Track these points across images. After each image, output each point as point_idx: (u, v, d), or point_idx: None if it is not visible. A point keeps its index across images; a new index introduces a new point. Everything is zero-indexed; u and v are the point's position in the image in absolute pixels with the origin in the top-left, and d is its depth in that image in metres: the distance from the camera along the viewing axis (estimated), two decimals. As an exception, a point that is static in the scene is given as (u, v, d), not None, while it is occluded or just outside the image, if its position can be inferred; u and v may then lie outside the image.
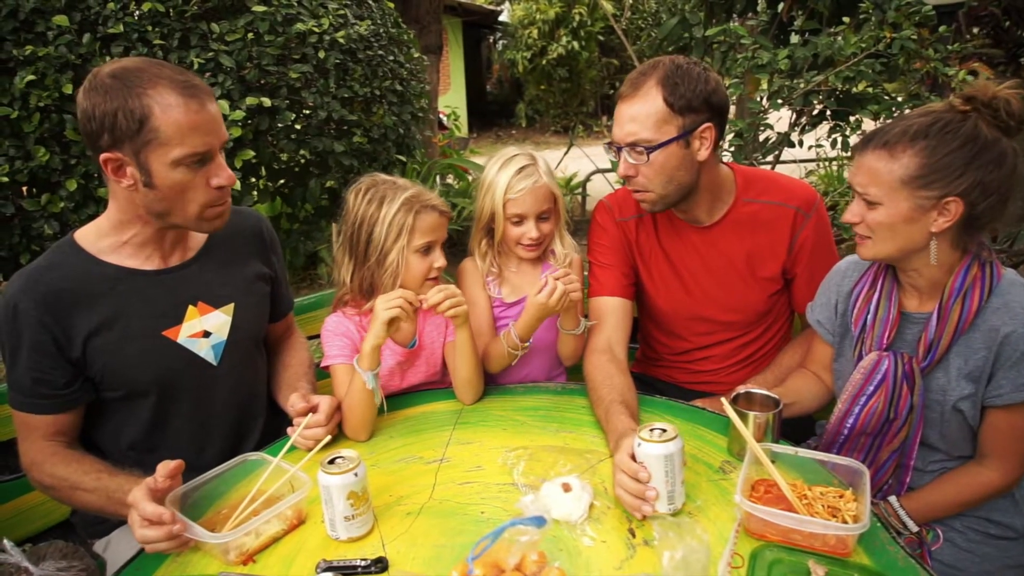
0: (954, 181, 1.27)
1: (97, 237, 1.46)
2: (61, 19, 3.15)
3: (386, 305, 1.52)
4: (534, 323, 1.68)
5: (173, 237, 1.50)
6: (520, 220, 1.78)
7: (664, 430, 1.22)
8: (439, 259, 1.67)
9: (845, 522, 1.16)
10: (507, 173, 1.75)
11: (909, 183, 1.29)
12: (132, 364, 1.45)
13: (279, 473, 1.30)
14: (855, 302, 1.51)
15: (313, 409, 1.49)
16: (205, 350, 1.53)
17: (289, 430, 1.49)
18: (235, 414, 1.63)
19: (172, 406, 1.53)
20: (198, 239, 1.57)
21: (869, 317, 1.47)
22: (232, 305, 1.57)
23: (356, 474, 1.19)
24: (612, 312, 1.81)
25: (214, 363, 1.55)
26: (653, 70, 1.60)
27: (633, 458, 1.24)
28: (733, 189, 1.78)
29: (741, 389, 1.47)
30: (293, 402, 1.50)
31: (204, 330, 1.53)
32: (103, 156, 1.32)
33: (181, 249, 1.54)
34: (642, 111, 1.59)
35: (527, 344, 1.73)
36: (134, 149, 1.30)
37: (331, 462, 1.21)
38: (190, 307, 1.51)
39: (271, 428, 1.68)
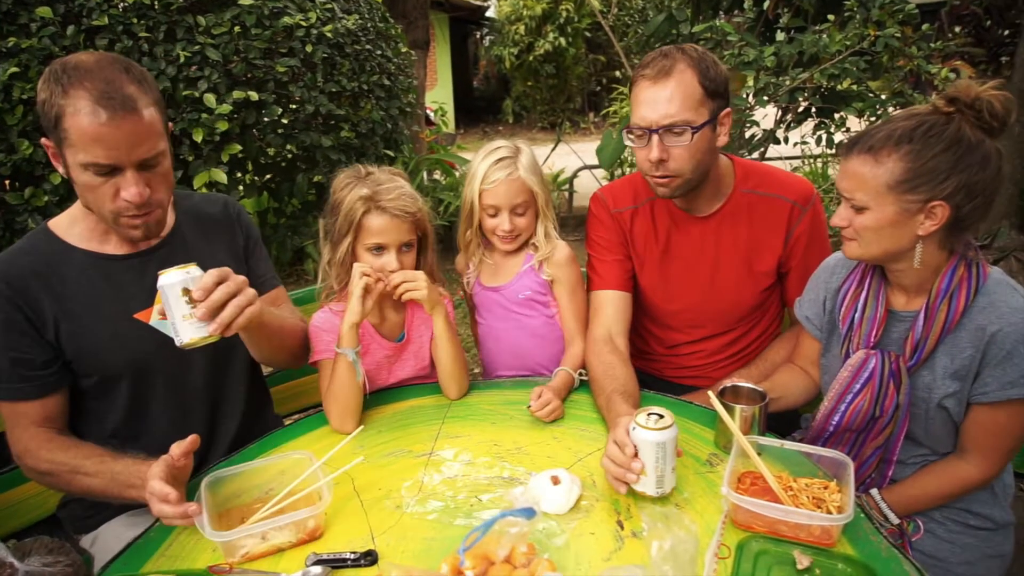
0: (940, 185, 1.28)
1: (70, 224, 1.47)
2: (45, 11, 3.12)
3: (355, 280, 1.56)
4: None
5: None
6: (495, 212, 1.79)
7: (661, 416, 1.24)
8: (391, 262, 1.63)
9: (830, 513, 1.18)
10: (486, 163, 1.77)
11: (895, 188, 1.30)
12: (104, 347, 1.45)
13: (313, 480, 1.27)
14: (843, 299, 1.52)
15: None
16: None
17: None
18: (213, 394, 1.62)
19: (148, 389, 1.52)
20: (167, 223, 1.56)
21: (857, 315, 1.49)
22: None
23: (189, 272, 1.22)
24: (611, 303, 1.82)
25: None
26: (678, 54, 1.59)
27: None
28: (732, 180, 1.79)
29: (728, 383, 1.48)
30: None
31: None
32: (43, 140, 1.36)
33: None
34: (680, 92, 1.57)
35: None
36: (56, 141, 1.32)
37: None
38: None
39: (252, 409, 1.69)
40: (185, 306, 1.21)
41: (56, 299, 1.42)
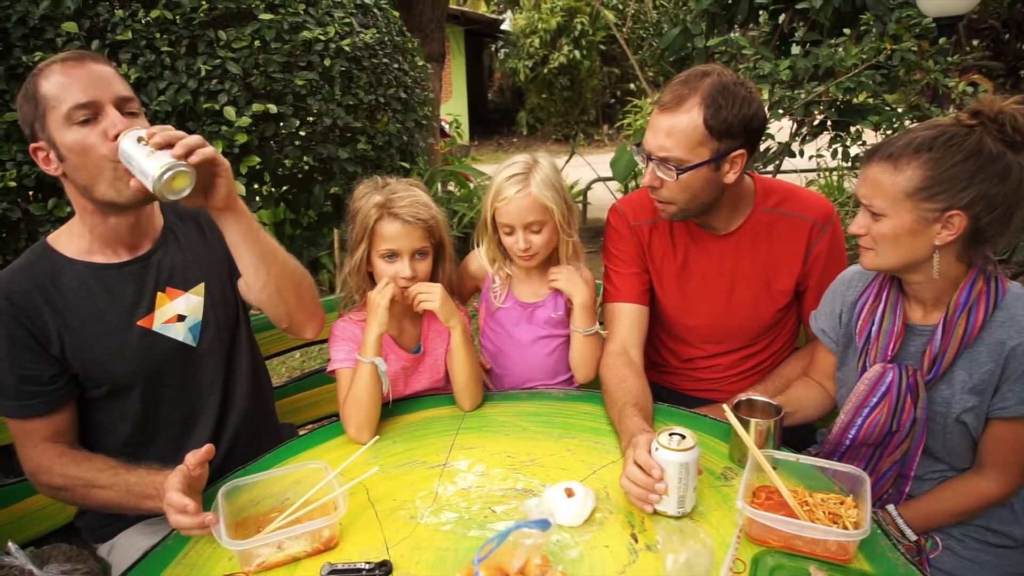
0: (958, 194, 1.28)
1: (68, 239, 1.48)
2: (70, 26, 3.18)
3: (380, 293, 1.60)
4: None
5: (128, 226, 1.49)
6: (510, 230, 1.74)
7: (683, 436, 1.25)
8: (404, 269, 1.64)
9: (846, 528, 1.17)
10: (500, 177, 1.73)
11: (913, 195, 1.30)
12: (112, 357, 1.46)
13: (328, 490, 1.27)
14: (860, 313, 1.51)
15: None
16: (183, 333, 1.53)
17: None
18: (222, 392, 1.62)
19: (158, 394, 1.53)
20: (157, 226, 1.57)
21: (874, 328, 1.48)
22: (202, 285, 1.57)
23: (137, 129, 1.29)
24: (627, 315, 1.82)
25: (193, 344, 1.55)
26: (699, 82, 1.56)
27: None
28: (752, 199, 1.78)
29: (743, 396, 1.48)
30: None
31: (178, 314, 1.53)
32: (31, 147, 1.38)
33: (141, 238, 1.53)
34: (679, 129, 1.56)
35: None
36: (41, 127, 1.34)
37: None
38: (159, 294, 1.52)
39: (252, 408, 1.68)
40: (144, 148, 1.25)
41: (58, 313, 1.42)
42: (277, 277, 1.51)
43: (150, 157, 1.24)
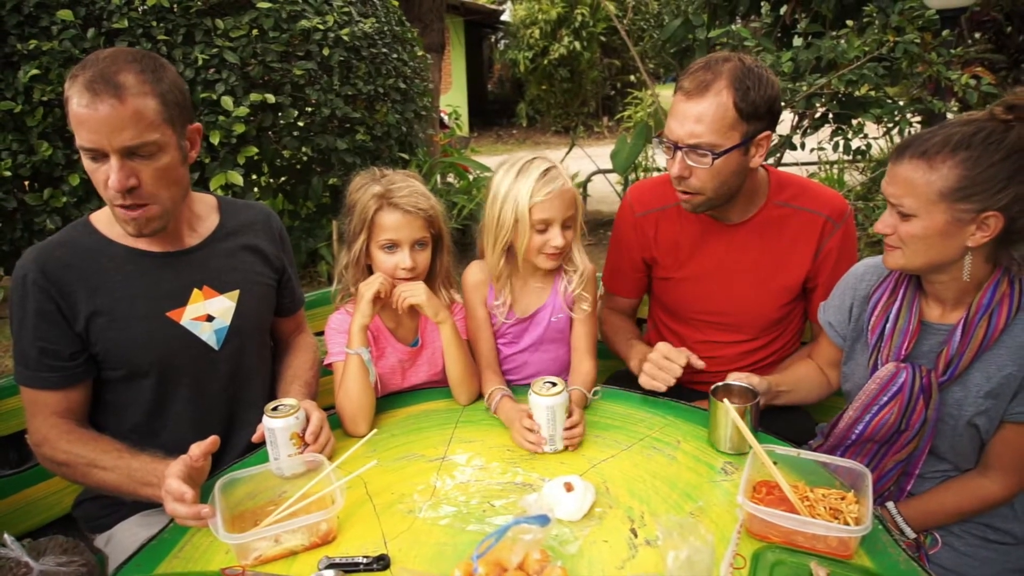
0: (996, 195, 1.23)
1: (110, 220, 1.48)
2: (66, 13, 3.16)
3: (367, 284, 1.60)
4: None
5: (173, 222, 1.49)
6: (545, 227, 1.65)
7: (554, 384, 1.45)
8: (404, 260, 1.63)
9: (847, 524, 1.16)
10: (529, 179, 1.62)
11: (948, 196, 1.25)
12: (134, 342, 1.46)
13: (326, 483, 1.26)
14: (873, 308, 1.48)
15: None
16: (207, 334, 1.54)
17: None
18: (232, 401, 1.63)
19: (172, 388, 1.53)
20: (208, 225, 1.59)
21: (888, 326, 1.45)
22: (237, 292, 1.58)
23: (296, 417, 1.38)
24: (620, 305, 2.03)
25: (215, 347, 1.55)
26: (723, 65, 1.54)
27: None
28: (766, 191, 1.77)
29: (720, 382, 1.49)
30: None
31: (208, 314, 1.54)
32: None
33: (189, 233, 1.55)
34: (710, 113, 1.53)
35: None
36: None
37: (274, 409, 1.39)
38: (195, 290, 1.52)
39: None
40: (292, 447, 1.39)
41: (90, 292, 1.43)
42: None
43: (291, 458, 1.37)
